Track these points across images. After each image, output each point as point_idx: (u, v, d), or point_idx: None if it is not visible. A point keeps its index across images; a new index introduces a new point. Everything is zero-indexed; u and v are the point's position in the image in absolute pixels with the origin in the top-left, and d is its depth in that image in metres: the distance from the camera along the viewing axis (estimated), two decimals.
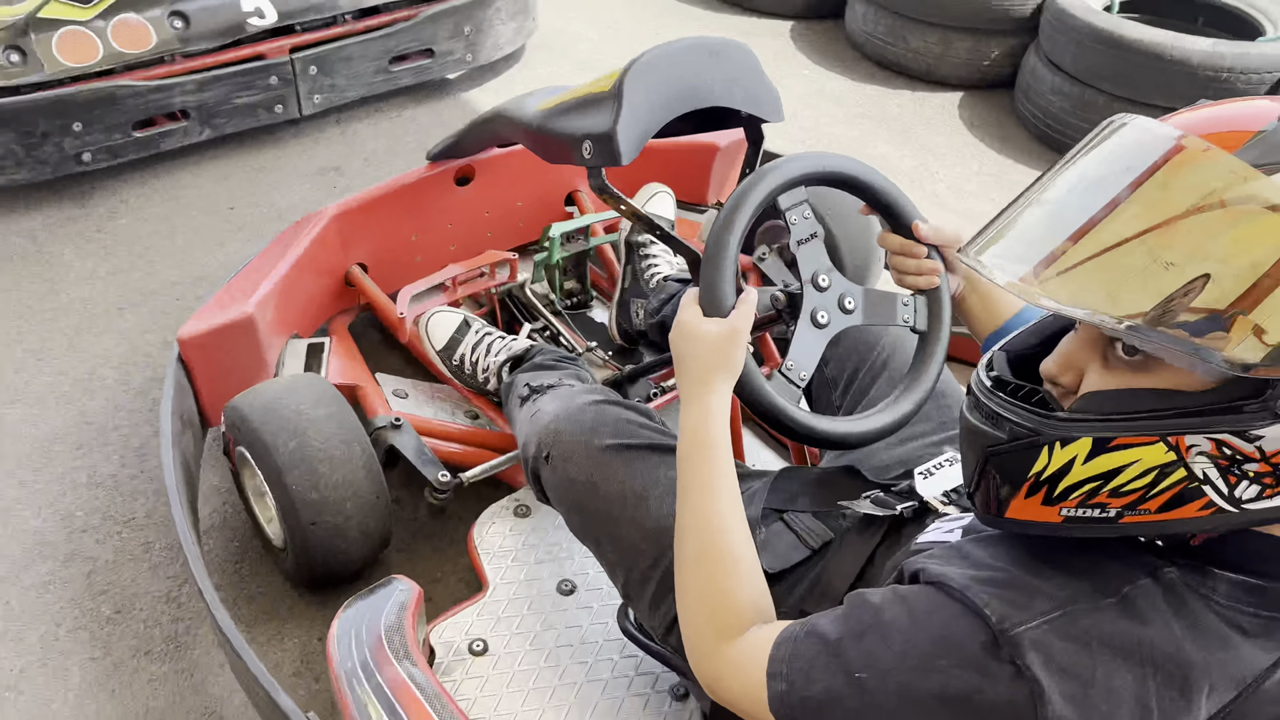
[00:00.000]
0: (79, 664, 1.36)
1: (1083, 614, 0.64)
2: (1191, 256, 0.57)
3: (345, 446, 1.33)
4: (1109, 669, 0.63)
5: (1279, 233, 0.56)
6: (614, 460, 1.11)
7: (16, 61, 2.02)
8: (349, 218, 1.70)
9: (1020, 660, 0.63)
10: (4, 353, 1.81)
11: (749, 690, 0.77)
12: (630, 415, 1.16)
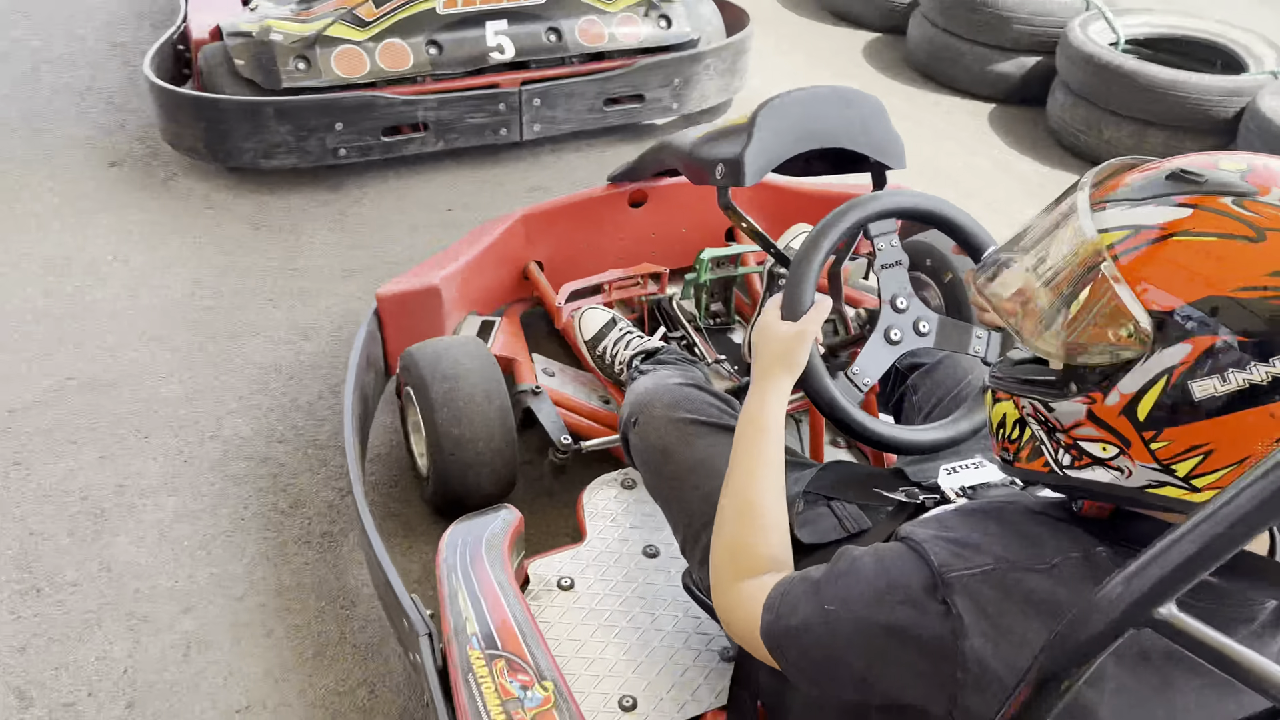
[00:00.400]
0: (255, 540, 1.67)
1: (1013, 571, 0.77)
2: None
3: (486, 398, 1.59)
4: (1024, 619, 0.75)
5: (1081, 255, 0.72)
6: (687, 432, 1.29)
7: (302, 69, 2.47)
8: (534, 220, 1.99)
9: (950, 600, 0.76)
10: (250, 298, 2.22)
11: (749, 621, 0.93)
12: (709, 399, 1.34)
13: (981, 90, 3.32)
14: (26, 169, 2.63)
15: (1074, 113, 2.96)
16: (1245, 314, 0.64)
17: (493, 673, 1.25)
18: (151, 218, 2.47)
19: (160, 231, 2.43)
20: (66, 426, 1.87)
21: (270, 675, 1.47)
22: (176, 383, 1.99)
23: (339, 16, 2.50)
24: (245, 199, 2.56)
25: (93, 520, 1.70)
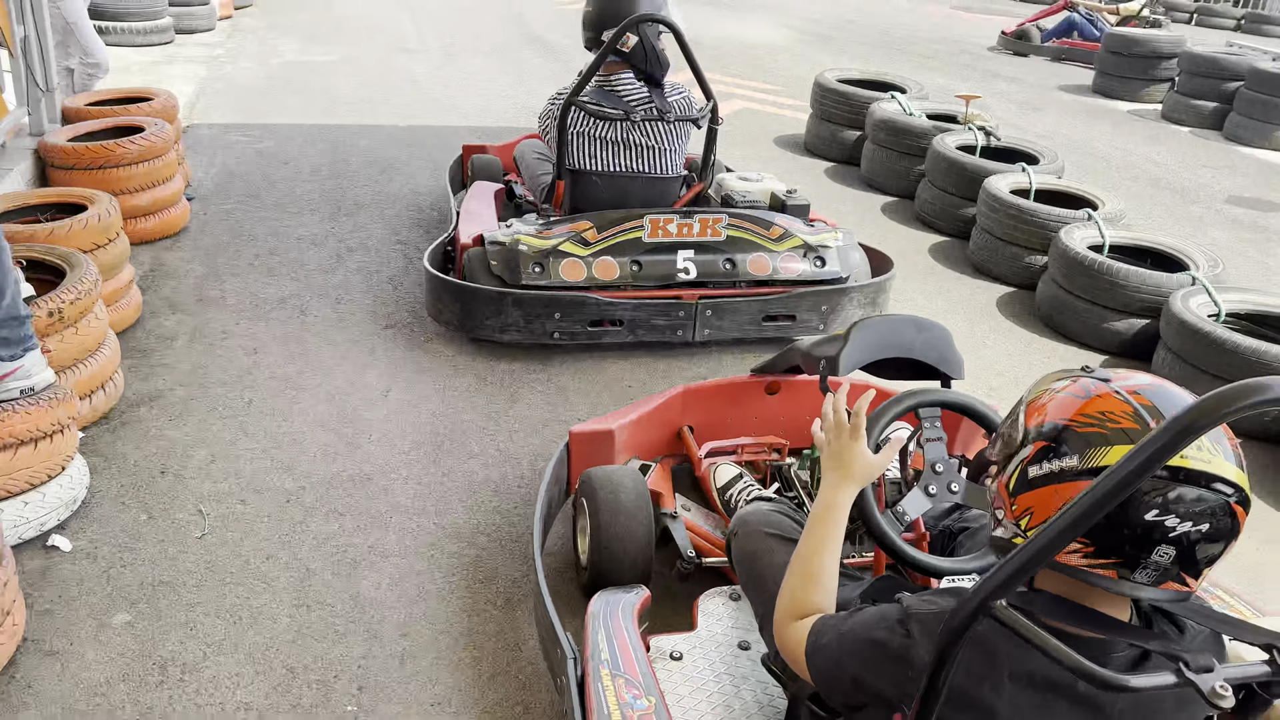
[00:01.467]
0: (458, 597, 2.29)
1: (953, 610, 1.30)
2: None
3: (637, 510, 2.18)
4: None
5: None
6: (771, 543, 1.85)
7: (538, 272, 3.29)
8: (691, 394, 2.63)
9: (910, 627, 1.29)
10: (474, 432, 2.94)
11: (798, 646, 1.46)
12: (792, 522, 1.89)
13: (1095, 343, 3.81)
14: (327, 325, 3.54)
15: (1172, 371, 3.41)
16: (1068, 434, 1.17)
17: (615, 686, 1.78)
18: (411, 367, 3.29)
19: (416, 377, 3.23)
20: (337, 502, 2.60)
21: (457, 686, 2.05)
22: (415, 483, 2.69)
23: (570, 237, 3.34)
24: (479, 362, 3.35)
25: (348, 567, 2.37)
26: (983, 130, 5.08)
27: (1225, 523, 1.11)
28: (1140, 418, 1.15)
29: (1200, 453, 1.10)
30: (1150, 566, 1.13)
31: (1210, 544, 1.12)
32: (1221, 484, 1.10)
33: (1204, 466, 1.10)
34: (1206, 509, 1.10)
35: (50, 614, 2.16)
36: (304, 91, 6.63)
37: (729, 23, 10.98)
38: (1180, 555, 1.12)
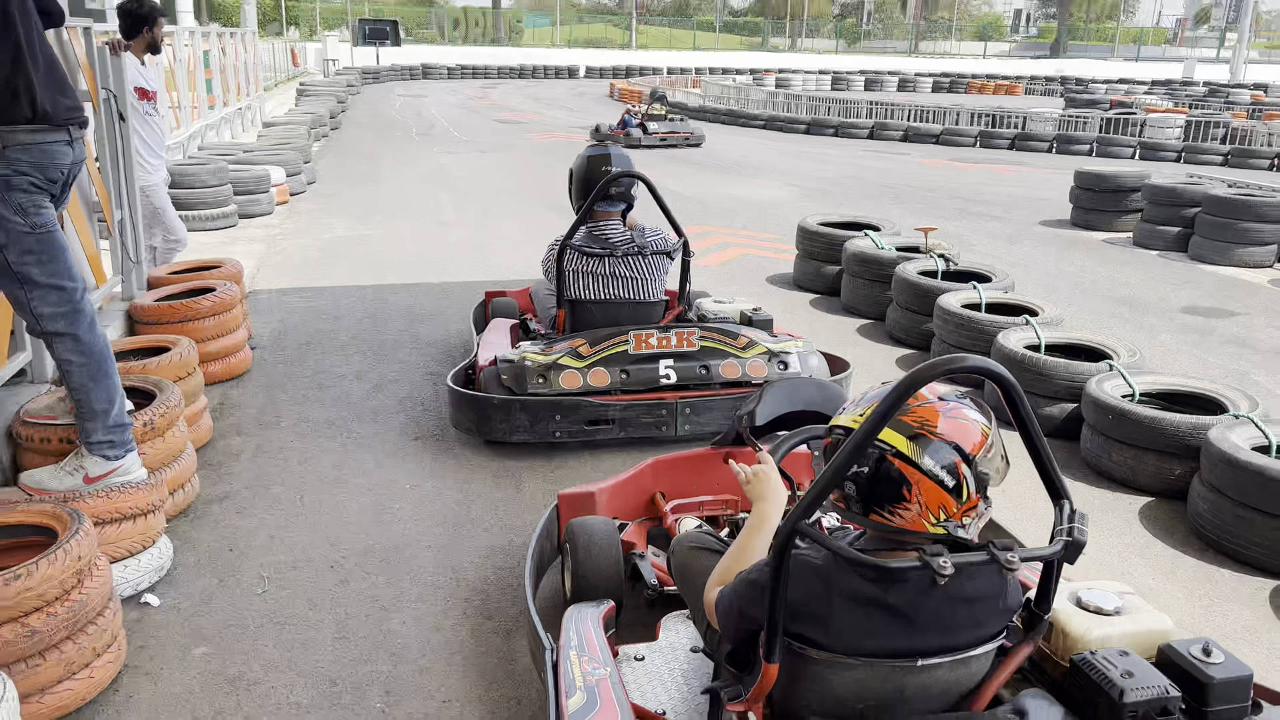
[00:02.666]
0: (468, 630, 2.81)
1: (776, 532, 1.85)
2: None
3: (608, 549, 2.72)
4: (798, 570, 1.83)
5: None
6: (698, 553, 2.38)
7: (541, 382, 3.93)
8: (660, 464, 3.19)
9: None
10: (486, 511, 3.51)
11: (711, 604, 2.01)
12: (711, 538, 2.43)
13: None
14: (366, 439, 4.18)
15: (1093, 445, 3.89)
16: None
17: (579, 662, 2.30)
18: (435, 467, 3.89)
19: (439, 474, 3.83)
20: (371, 566, 3.16)
21: (464, 690, 2.56)
22: (435, 550, 3.25)
23: (568, 352, 3.99)
24: (493, 460, 3.95)
25: (379, 611, 2.91)
26: (942, 257, 5.74)
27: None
28: (951, 412, 1.76)
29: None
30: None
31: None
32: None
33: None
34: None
35: (144, 648, 2.72)
36: (352, 260, 7.53)
37: (738, 186, 11.99)
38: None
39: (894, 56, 53.31)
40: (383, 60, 35.47)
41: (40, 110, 2.80)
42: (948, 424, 1.77)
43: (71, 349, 2.98)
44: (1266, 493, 3.19)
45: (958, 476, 1.74)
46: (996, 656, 1.93)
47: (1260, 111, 22.21)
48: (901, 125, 18.55)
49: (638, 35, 55.39)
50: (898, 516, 1.73)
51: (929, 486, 1.72)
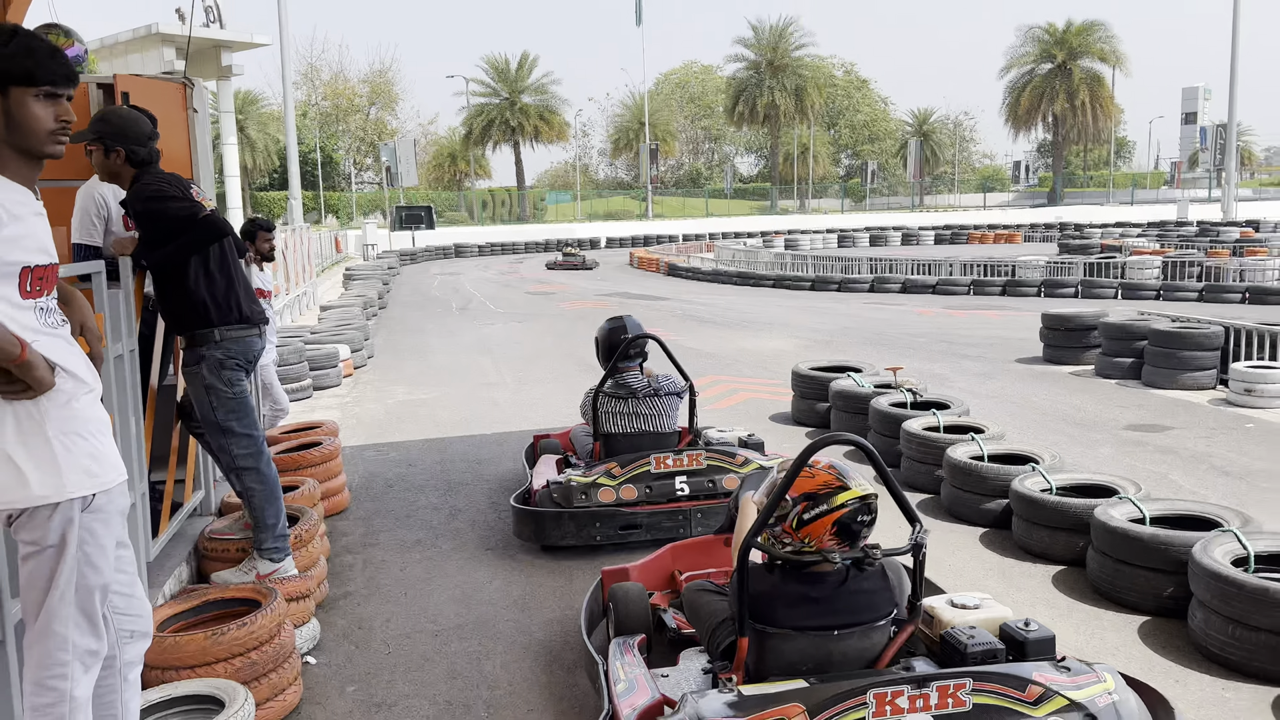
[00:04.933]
0: (538, 669, 3.89)
1: (739, 549, 3.01)
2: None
3: (639, 605, 3.81)
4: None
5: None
6: (702, 595, 3.50)
7: (584, 498, 5.09)
8: (678, 548, 4.31)
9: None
10: (541, 594, 4.60)
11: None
12: (709, 584, 3.55)
13: (977, 520, 5.39)
14: (448, 552, 5.31)
15: (1020, 530, 4.97)
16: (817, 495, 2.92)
17: (622, 668, 3.38)
18: (504, 568, 5.01)
19: (507, 573, 4.94)
20: (465, 633, 4.24)
21: (543, 706, 3.62)
22: (511, 624, 4.34)
23: (603, 474, 5.17)
24: (549, 561, 5.06)
25: (474, 659, 3.99)
26: (910, 391, 6.94)
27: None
28: (838, 476, 2.91)
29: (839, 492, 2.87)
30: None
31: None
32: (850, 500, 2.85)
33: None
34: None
35: (310, 689, 3.81)
36: (415, 419, 8.82)
37: (745, 340, 13.36)
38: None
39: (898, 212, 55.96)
40: (418, 243, 38.12)
41: (244, 314, 4.13)
42: (846, 484, 2.93)
43: (255, 479, 4.20)
44: (1132, 548, 4.25)
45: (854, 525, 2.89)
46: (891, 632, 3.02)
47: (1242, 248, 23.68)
48: (900, 278, 20.10)
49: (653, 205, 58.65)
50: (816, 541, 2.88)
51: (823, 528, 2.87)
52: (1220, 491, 5.80)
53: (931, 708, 2.70)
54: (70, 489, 2.20)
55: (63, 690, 2.20)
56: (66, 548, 2.19)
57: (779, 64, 62.70)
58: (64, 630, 2.20)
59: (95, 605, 2.25)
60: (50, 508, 2.17)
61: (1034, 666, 2.88)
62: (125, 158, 3.93)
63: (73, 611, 2.20)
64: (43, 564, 2.19)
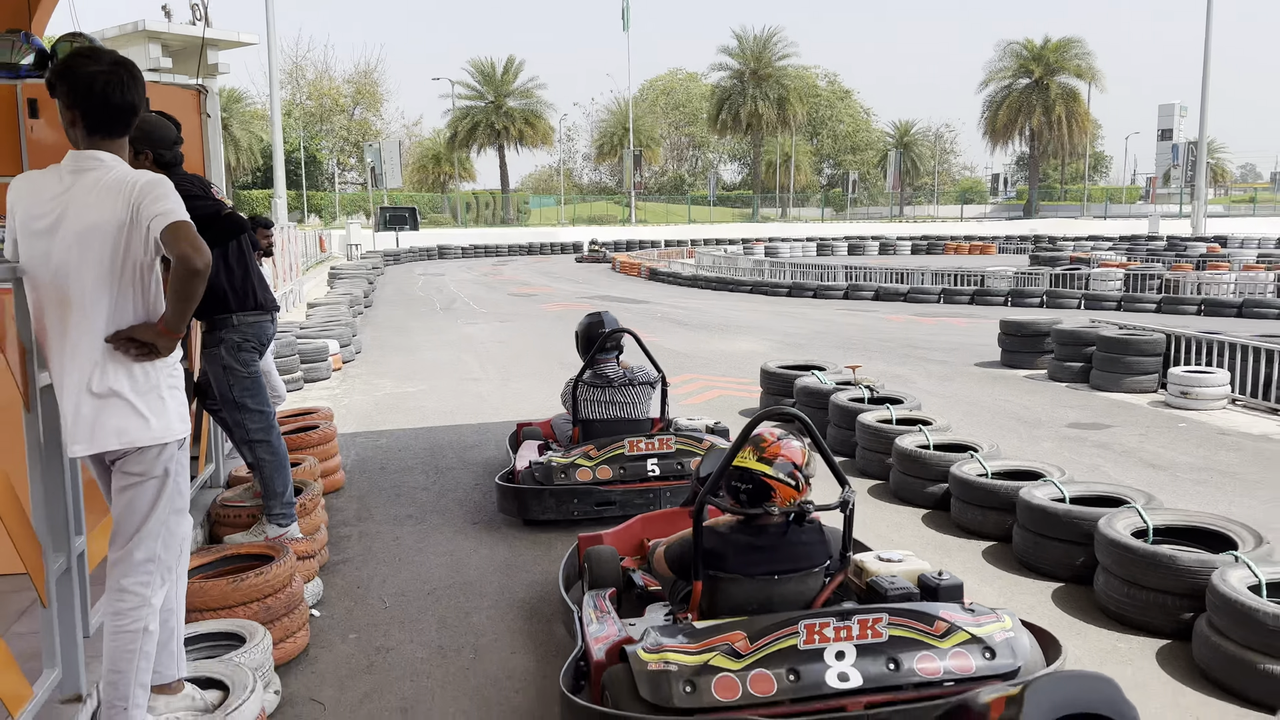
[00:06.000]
0: (523, 617, 4.37)
1: (695, 503, 3.51)
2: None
3: (611, 566, 4.29)
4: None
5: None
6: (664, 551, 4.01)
7: (563, 477, 5.57)
8: (648, 519, 4.79)
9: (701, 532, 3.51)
10: (530, 561, 5.08)
11: (659, 558, 3.65)
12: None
13: (922, 503, 5.93)
14: (438, 524, 5.78)
15: (958, 510, 5.49)
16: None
17: (593, 612, 3.87)
18: (490, 537, 5.48)
19: (494, 542, 5.42)
20: (455, 592, 4.72)
21: (524, 649, 4.11)
22: (497, 582, 4.82)
23: (581, 455, 5.64)
24: (530, 533, 5.53)
25: (460, 614, 4.47)
26: (868, 388, 7.47)
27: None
28: (781, 444, 3.42)
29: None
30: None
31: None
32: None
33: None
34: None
35: (317, 636, 4.28)
36: (403, 410, 9.28)
37: (722, 342, 13.89)
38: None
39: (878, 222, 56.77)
40: (402, 243, 38.49)
41: (259, 301, 4.60)
42: (786, 450, 3.44)
43: (266, 451, 4.66)
44: (1050, 523, 4.78)
45: (795, 479, 3.39)
46: (825, 579, 3.53)
47: (1205, 262, 24.45)
48: (873, 286, 20.71)
49: (636, 211, 59.23)
50: (772, 504, 3.38)
51: (783, 489, 3.38)
52: (1144, 481, 6.34)
53: (854, 637, 3.22)
54: (175, 431, 2.70)
55: (145, 595, 2.67)
56: (168, 478, 2.68)
57: (762, 73, 63.43)
58: (154, 545, 2.68)
59: (177, 527, 2.74)
60: (159, 446, 2.66)
61: (943, 606, 3.40)
62: (153, 160, 4.38)
63: (163, 530, 2.68)
64: (146, 491, 2.67)
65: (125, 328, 2.64)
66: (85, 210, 2.57)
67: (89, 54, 2.64)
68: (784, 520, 3.45)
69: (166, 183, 2.67)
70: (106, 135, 2.66)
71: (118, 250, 2.58)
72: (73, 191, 2.61)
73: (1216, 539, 4.37)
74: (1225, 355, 9.06)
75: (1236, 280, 18.37)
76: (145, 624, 2.69)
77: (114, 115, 2.64)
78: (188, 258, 2.55)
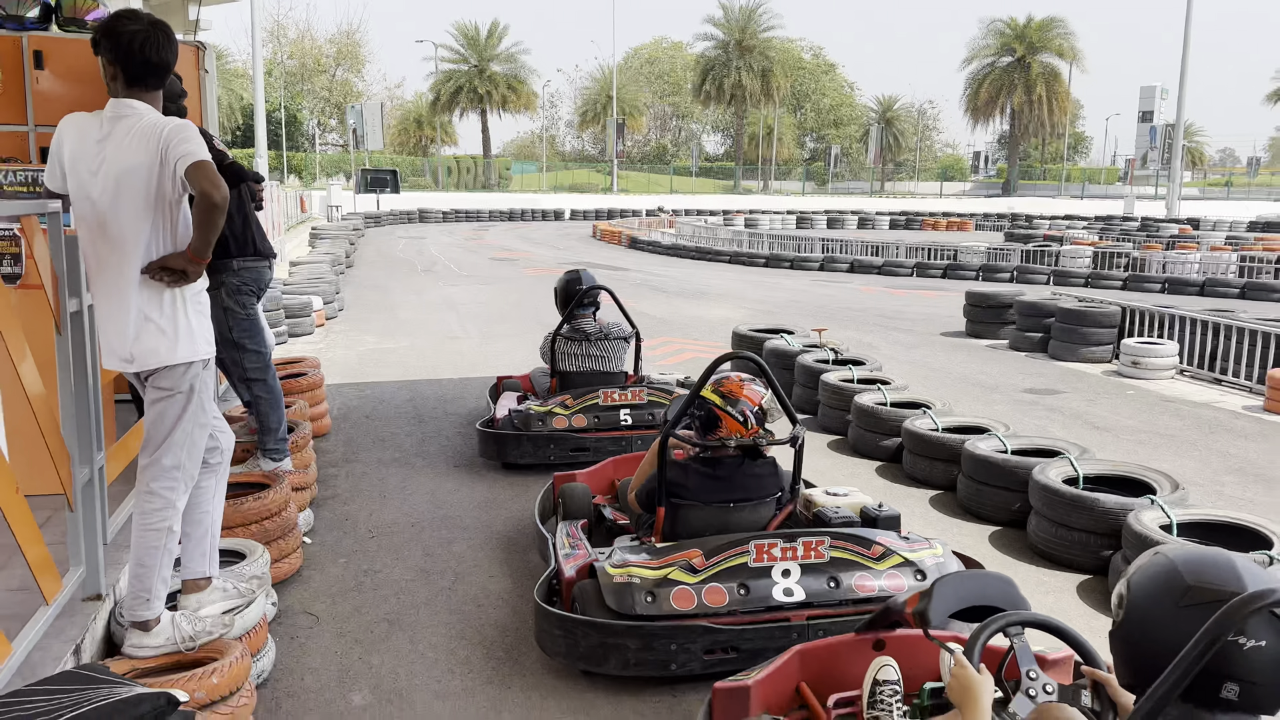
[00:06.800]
0: (502, 546, 4.72)
1: (660, 435, 3.87)
2: None
3: (584, 500, 4.65)
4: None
5: None
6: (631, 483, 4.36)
7: (540, 425, 5.90)
8: (618, 460, 5.14)
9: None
10: (506, 499, 5.43)
11: (631, 497, 4.00)
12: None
13: (877, 455, 6.32)
14: (421, 466, 6.11)
15: (909, 461, 5.88)
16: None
17: (565, 538, 4.22)
18: (469, 475, 5.82)
19: (470, 483, 5.75)
20: (442, 530, 5.06)
21: (501, 573, 4.46)
22: (476, 516, 5.17)
23: (558, 404, 5.97)
24: (508, 476, 5.88)
25: (444, 544, 4.81)
26: (832, 350, 7.84)
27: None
28: (741, 383, 3.78)
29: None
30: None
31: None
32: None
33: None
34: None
35: (308, 561, 4.61)
36: (386, 364, 9.58)
37: (699, 308, 14.24)
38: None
39: (858, 197, 57.14)
40: (383, 206, 38.47)
41: (258, 248, 4.88)
42: (746, 390, 3.79)
43: (262, 389, 4.96)
44: (991, 473, 5.17)
45: (746, 416, 3.74)
46: (776, 509, 3.89)
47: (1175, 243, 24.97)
48: (848, 259, 21.09)
49: (619, 180, 59.28)
50: (718, 434, 3.74)
51: (730, 421, 3.73)
52: (1087, 440, 6.75)
53: (798, 557, 3.59)
54: (200, 352, 3.01)
55: (170, 498, 2.99)
56: (193, 394, 2.99)
57: (747, 45, 63.39)
58: (179, 454, 2.99)
59: (201, 439, 3.06)
60: (185, 365, 2.97)
61: (881, 533, 3.78)
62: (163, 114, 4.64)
63: (188, 441, 3.00)
64: (173, 405, 2.97)
65: (158, 258, 2.94)
66: (122, 154, 2.87)
67: (129, 15, 2.92)
68: (739, 454, 3.81)
69: (190, 127, 2.97)
70: (143, 88, 2.95)
71: (149, 188, 2.87)
72: (112, 137, 2.90)
73: (1139, 486, 4.78)
74: (1176, 328, 9.49)
75: (1201, 260, 18.86)
76: (170, 524, 3.02)
77: (150, 70, 2.93)
78: (207, 193, 2.84)
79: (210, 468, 3.23)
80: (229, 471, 3.38)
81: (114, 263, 2.91)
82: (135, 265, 2.90)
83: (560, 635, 3.48)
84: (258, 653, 3.42)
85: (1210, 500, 5.49)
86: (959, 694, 2.06)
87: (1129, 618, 1.71)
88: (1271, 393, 7.88)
